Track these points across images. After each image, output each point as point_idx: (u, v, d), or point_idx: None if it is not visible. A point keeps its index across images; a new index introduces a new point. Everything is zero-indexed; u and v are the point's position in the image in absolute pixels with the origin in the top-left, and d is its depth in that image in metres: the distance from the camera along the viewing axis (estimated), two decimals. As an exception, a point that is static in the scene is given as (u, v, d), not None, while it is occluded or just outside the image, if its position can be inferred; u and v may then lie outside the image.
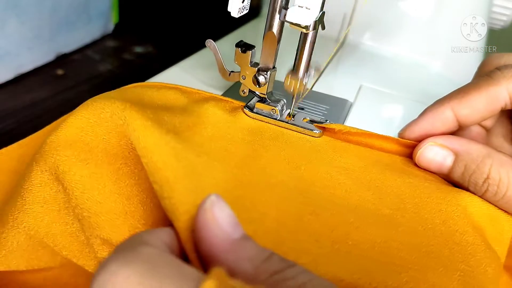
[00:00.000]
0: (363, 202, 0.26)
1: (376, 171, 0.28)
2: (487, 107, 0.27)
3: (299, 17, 0.27)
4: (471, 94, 0.27)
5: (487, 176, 0.25)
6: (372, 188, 0.27)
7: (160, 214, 0.22)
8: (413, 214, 0.25)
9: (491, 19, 0.51)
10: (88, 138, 0.24)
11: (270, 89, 0.32)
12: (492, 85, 0.26)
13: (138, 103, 0.25)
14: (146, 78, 0.36)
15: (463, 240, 0.24)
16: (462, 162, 0.27)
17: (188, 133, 0.26)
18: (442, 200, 0.26)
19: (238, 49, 0.31)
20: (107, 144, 0.24)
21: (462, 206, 0.26)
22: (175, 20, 0.70)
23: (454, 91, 0.28)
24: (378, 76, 0.44)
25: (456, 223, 0.25)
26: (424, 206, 0.26)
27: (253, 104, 0.31)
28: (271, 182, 0.25)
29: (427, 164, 0.28)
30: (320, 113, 0.35)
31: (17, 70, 0.47)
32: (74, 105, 0.26)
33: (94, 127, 0.24)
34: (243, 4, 0.29)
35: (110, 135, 0.24)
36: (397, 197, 0.26)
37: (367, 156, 0.29)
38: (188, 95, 0.32)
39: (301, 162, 0.28)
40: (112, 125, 0.24)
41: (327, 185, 0.26)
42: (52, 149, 0.24)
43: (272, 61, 0.31)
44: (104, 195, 0.22)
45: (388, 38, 0.50)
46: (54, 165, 0.23)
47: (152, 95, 0.30)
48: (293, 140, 0.30)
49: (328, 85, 0.39)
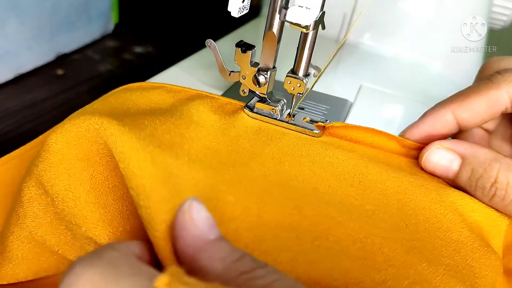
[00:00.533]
0: (347, 197, 0.26)
1: (361, 165, 0.28)
2: (488, 111, 0.27)
3: (299, 17, 0.27)
4: (472, 98, 0.27)
5: (495, 180, 0.25)
6: (355, 184, 0.27)
7: (137, 221, 0.23)
8: (396, 210, 0.25)
9: (491, 19, 0.51)
10: (63, 148, 0.24)
11: (270, 89, 0.32)
12: (492, 88, 0.26)
13: (118, 113, 0.25)
14: (146, 78, 0.36)
15: (447, 237, 0.24)
16: (469, 166, 0.26)
17: (168, 135, 0.26)
18: (425, 198, 0.26)
19: (238, 49, 0.31)
20: (78, 150, 0.23)
21: (448, 203, 0.26)
22: (175, 20, 0.70)
23: (455, 94, 0.28)
24: (378, 76, 0.44)
25: (440, 220, 0.25)
26: (408, 203, 0.26)
27: (253, 104, 0.31)
28: (254, 176, 0.25)
29: (433, 167, 0.28)
30: (320, 113, 0.35)
31: (17, 70, 0.47)
32: (74, 105, 0.26)
33: (69, 137, 0.24)
34: (243, 4, 0.29)
35: (80, 140, 0.23)
36: (381, 193, 0.26)
37: (355, 150, 0.29)
38: (174, 94, 0.31)
39: (285, 157, 0.28)
40: (82, 130, 0.23)
41: (310, 180, 0.26)
42: (34, 165, 0.24)
43: (272, 61, 0.31)
44: (80, 206, 0.23)
45: (388, 38, 0.50)
46: (38, 179, 0.23)
47: (136, 99, 0.30)
48: (284, 137, 0.30)
49: (328, 85, 0.39)
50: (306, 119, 0.31)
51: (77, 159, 0.23)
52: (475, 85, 0.28)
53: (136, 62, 0.56)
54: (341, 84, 0.41)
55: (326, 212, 0.24)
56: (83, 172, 0.23)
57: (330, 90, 0.39)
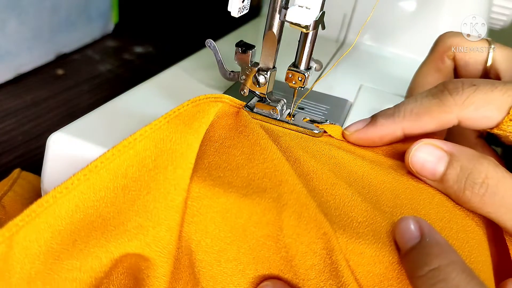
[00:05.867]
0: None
1: (367, 166, 0.28)
2: (436, 129, 0.28)
3: (299, 17, 0.27)
4: (423, 120, 0.28)
5: (486, 176, 0.25)
6: (366, 186, 0.27)
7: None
8: (411, 210, 0.25)
9: (491, 19, 0.51)
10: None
11: (270, 89, 0.32)
12: (444, 112, 0.27)
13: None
14: (146, 78, 0.36)
15: (464, 238, 0.24)
16: (457, 162, 0.26)
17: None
18: (431, 199, 0.26)
19: (238, 49, 0.31)
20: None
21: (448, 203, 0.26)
22: (175, 20, 0.71)
23: (406, 109, 0.28)
24: (378, 76, 0.44)
25: (450, 220, 0.25)
26: (417, 203, 0.26)
27: (253, 104, 0.31)
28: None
29: (420, 165, 0.27)
30: (320, 113, 0.35)
31: (17, 70, 0.47)
32: (74, 105, 0.26)
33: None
34: (243, 4, 0.29)
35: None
36: (392, 193, 0.26)
37: (354, 151, 0.30)
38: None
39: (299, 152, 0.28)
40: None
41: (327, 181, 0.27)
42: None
43: (272, 61, 0.31)
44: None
45: (388, 38, 0.50)
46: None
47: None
48: (285, 137, 0.30)
49: (328, 85, 0.39)
50: (306, 119, 0.31)
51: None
52: (426, 103, 0.28)
53: (136, 62, 0.56)
54: (341, 84, 0.41)
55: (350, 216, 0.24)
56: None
57: (330, 90, 0.39)
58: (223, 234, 0.24)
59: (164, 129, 0.25)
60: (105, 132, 0.27)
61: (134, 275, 0.23)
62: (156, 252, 0.23)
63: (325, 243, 0.22)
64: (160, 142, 0.25)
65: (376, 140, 0.29)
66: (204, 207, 0.24)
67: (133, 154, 0.24)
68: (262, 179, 0.25)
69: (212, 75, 0.37)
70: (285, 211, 0.23)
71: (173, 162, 0.24)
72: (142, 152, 0.25)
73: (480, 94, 0.27)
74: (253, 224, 0.23)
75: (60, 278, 0.21)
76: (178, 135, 0.25)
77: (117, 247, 0.22)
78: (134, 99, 0.32)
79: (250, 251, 0.24)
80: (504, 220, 0.25)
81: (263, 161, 0.26)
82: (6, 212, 0.32)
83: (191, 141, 0.25)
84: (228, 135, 0.28)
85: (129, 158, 0.24)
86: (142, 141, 0.25)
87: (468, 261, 0.23)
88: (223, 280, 0.24)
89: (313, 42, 0.30)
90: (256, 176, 0.25)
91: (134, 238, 0.22)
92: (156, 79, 0.36)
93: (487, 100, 0.26)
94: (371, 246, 0.22)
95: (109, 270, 0.23)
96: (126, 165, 0.24)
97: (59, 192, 0.22)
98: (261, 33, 0.30)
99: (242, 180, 0.25)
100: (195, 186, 0.24)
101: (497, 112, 0.26)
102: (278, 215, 0.23)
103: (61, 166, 0.27)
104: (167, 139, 0.25)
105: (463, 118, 0.27)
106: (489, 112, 0.26)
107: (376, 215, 0.24)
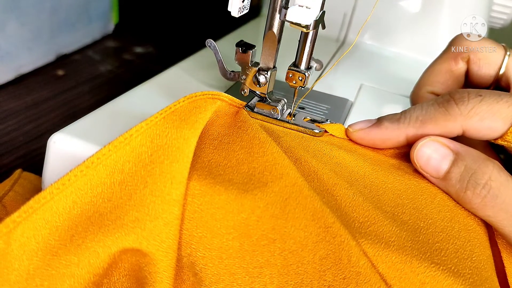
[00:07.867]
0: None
1: (368, 166, 0.28)
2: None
3: (299, 17, 0.27)
4: (428, 127, 0.28)
5: (489, 178, 0.25)
6: (368, 185, 0.27)
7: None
8: (413, 210, 0.25)
9: (491, 19, 0.51)
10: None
11: (270, 89, 0.32)
12: (449, 121, 0.27)
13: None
14: (146, 78, 0.36)
15: (465, 236, 0.24)
16: (462, 161, 0.26)
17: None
18: (432, 198, 0.26)
19: (238, 49, 0.31)
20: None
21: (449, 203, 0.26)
22: (175, 20, 0.71)
23: (412, 116, 0.28)
24: (379, 75, 0.44)
25: (451, 219, 0.25)
26: (419, 203, 0.26)
27: (254, 104, 0.31)
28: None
29: (424, 160, 0.27)
30: (320, 113, 0.35)
31: (17, 70, 0.47)
32: (74, 105, 0.26)
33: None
34: (243, 4, 0.29)
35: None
36: (394, 193, 0.26)
37: (356, 150, 0.29)
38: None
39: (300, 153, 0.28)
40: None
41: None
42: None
43: (273, 61, 0.31)
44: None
45: (389, 37, 0.50)
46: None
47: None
48: (286, 137, 0.30)
49: (328, 84, 0.39)
50: (306, 118, 0.31)
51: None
52: (432, 111, 0.28)
53: (136, 62, 0.56)
54: (341, 84, 0.41)
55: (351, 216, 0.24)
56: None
57: (331, 90, 0.39)
58: (224, 230, 0.24)
59: (160, 124, 0.25)
60: (106, 132, 0.27)
61: (135, 276, 0.23)
62: (154, 246, 0.23)
63: (332, 233, 0.23)
64: (156, 137, 0.25)
65: (378, 142, 0.29)
66: (205, 203, 0.24)
67: (129, 150, 0.24)
68: (263, 173, 0.25)
69: (212, 75, 0.37)
70: (289, 204, 0.23)
71: (169, 156, 0.24)
72: (138, 148, 0.25)
73: (486, 105, 0.27)
74: (257, 218, 0.23)
75: (58, 274, 0.21)
76: (174, 130, 0.25)
77: (114, 241, 0.22)
78: (134, 99, 0.32)
79: (253, 246, 0.24)
80: (503, 226, 0.25)
81: (262, 154, 0.26)
82: (7, 212, 0.32)
83: (188, 136, 0.25)
84: (227, 132, 0.28)
85: (125, 154, 0.24)
86: (138, 136, 0.25)
87: (470, 259, 0.23)
88: (226, 278, 0.24)
89: (314, 41, 0.30)
90: (257, 171, 0.25)
91: (131, 232, 0.22)
92: (156, 79, 0.36)
93: (492, 111, 0.26)
94: (373, 246, 0.22)
95: (108, 267, 0.23)
96: (122, 161, 0.24)
97: (56, 188, 0.22)
98: (261, 33, 0.30)
99: (243, 176, 0.25)
100: (195, 184, 0.24)
101: (502, 123, 0.26)
102: (282, 209, 0.23)
103: (62, 167, 0.27)
104: (163, 134, 0.25)
105: (467, 128, 0.27)
106: (493, 123, 0.26)
107: (377, 215, 0.24)
